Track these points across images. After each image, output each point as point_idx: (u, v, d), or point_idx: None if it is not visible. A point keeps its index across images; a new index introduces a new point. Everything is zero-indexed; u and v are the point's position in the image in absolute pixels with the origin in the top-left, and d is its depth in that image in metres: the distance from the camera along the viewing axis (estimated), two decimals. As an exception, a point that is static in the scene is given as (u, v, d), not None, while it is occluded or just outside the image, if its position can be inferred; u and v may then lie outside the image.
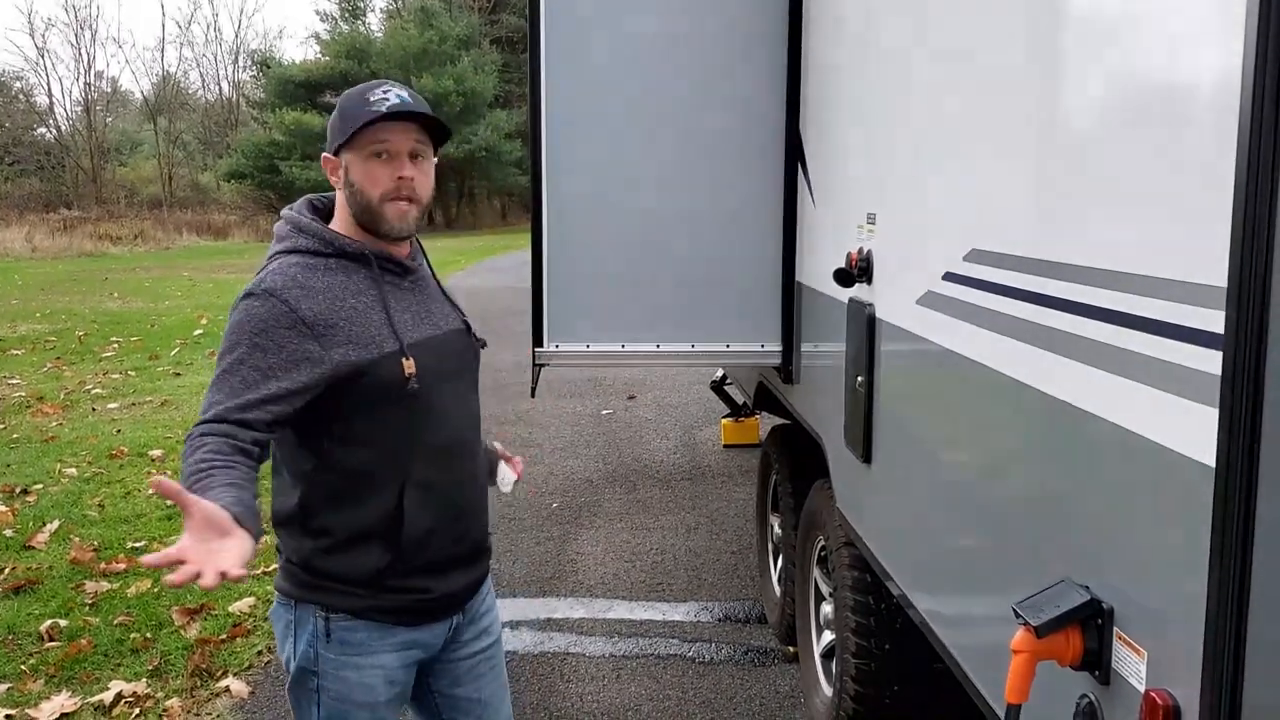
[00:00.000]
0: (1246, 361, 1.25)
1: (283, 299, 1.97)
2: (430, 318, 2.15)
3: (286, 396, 1.93)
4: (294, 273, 2.02)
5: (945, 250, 2.24)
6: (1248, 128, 1.23)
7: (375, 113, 1.98)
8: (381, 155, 2.02)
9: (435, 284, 2.25)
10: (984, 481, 2.12)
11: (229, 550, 1.65)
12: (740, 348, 3.93)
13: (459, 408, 2.18)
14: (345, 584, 2.07)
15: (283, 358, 1.93)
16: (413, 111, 2.02)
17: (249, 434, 1.88)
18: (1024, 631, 1.61)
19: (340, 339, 1.98)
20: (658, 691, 4.09)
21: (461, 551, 2.21)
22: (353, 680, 2.10)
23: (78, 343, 13.16)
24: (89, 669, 4.27)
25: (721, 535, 5.89)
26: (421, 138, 2.06)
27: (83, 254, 29.57)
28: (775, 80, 3.75)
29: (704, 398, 9.04)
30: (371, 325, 2.02)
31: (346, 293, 2.03)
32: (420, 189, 2.07)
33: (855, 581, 3.16)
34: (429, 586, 2.14)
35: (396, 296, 2.10)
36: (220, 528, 1.67)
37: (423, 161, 2.08)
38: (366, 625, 2.09)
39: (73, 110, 47.27)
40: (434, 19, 39.92)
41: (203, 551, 1.63)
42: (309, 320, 1.96)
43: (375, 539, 2.06)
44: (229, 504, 1.71)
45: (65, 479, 7.04)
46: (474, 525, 2.24)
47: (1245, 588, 1.30)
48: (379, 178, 2.03)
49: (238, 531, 1.69)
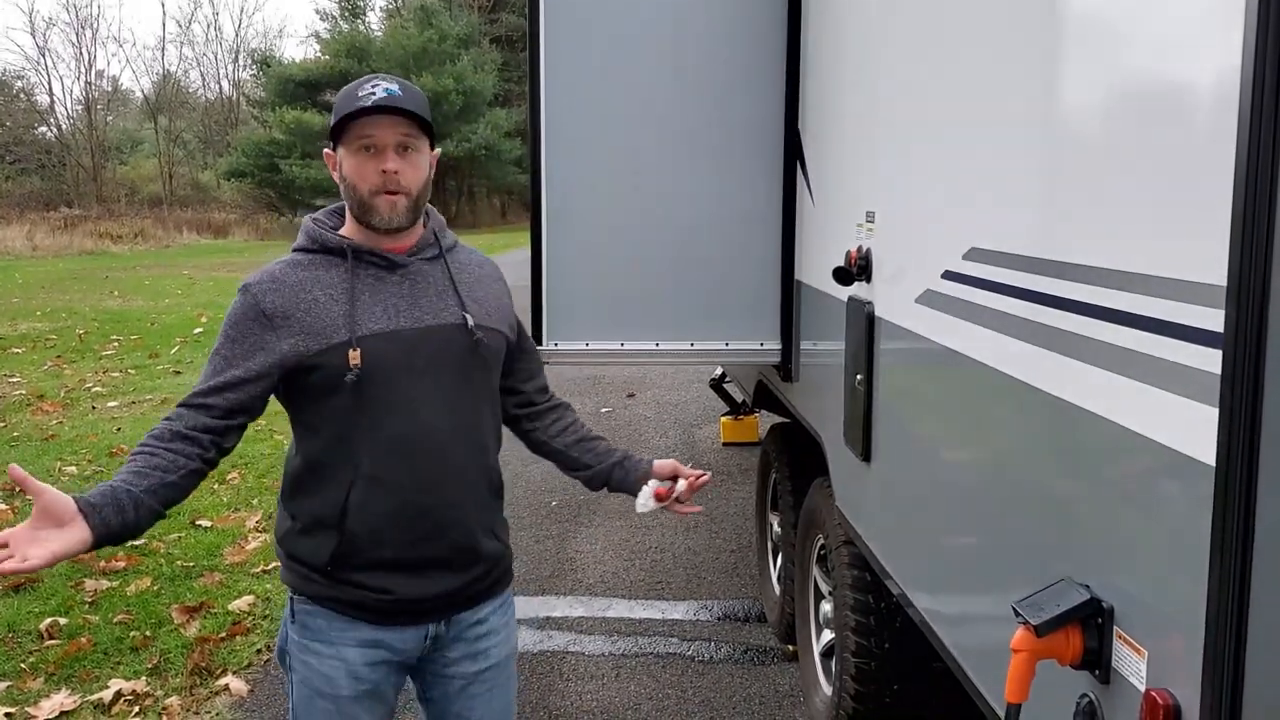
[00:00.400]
0: (1246, 360, 1.25)
1: (252, 294, 2.06)
2: (413, 311, 2.10)
3: (240, 384, 2.02)
4: (275, 269, 2.11)
5: (944, 248, 2.23)
6: (1247, 124, 1.22)
7: (359, 107, 2.01)
8: (369, 149, 2.04)
9: (445, 277, 2.17)
10: (983, 480, 2.11)
11: (50, 541, 1.75)
12: (739, 346, 3.93)
13: (431, 402, 2.10)
14: (306, 568, 2.14)
15: (244, 347, 2.04)
16: (395, 106, 2.02)
17: (200, 419, 1.99)
18: (1024, 630, 1.60)
19: (294, 329, 2.03)
20: (657, 690, 4.09)
21: (433, 554, 2.13)
22: (314, 666, 2.15)
23: (78, 341, 13.17)
24: (88, 667, 4.27)
25: (721, 534, 5.89)
26: (410, 130, 2.06)
27: (83, 252, 29.58)
28: (775, 78, 3.75)
29: (703, 396, 9.04)
30: (327, 317, 2.04)
31: (315, 286, 2.07)
32: (408, 181, 2.06)
33: (855, 580, 3.16)
34: (389, 587, 2.11)
35: (375, 289, 2.09)
36: (58, 518, 1.77)
37: (413, 154, 2.07)
38: (326, 614, 2.14)
39: (73, 109, 47.40)
40: (434, 18, 39.91)
41: (26, 538, 1.74)
42: (269, 312, 2.04)
43: (327, 528, 2.10)
44: (95, 493, 1.83)
45: (65, 477, 7.03)
46: (451, 527, 2.14)
47: (1246, 587, 1.29)
48: (366, 171, 2.05)
49: (75, 523, 1.78)
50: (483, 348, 2.16)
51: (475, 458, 2.19)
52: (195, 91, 53.68)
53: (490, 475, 2.23)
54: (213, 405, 2.01)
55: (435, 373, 2.10)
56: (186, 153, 50.41)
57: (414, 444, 2.09)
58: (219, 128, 50.21)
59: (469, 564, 2.19)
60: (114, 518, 1.83)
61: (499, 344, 2.24)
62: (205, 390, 2.02)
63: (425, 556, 2.13)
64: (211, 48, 73.92)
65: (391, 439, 2.07)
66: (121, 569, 5.30)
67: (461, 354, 2.14)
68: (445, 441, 2.12)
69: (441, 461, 2.12)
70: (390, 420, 2.07)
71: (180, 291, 18.96)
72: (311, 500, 2.12)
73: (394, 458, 2.08)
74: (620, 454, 2.38)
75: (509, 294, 2.35)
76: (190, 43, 78.08)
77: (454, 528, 2.15)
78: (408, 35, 38.90)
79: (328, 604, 2.13)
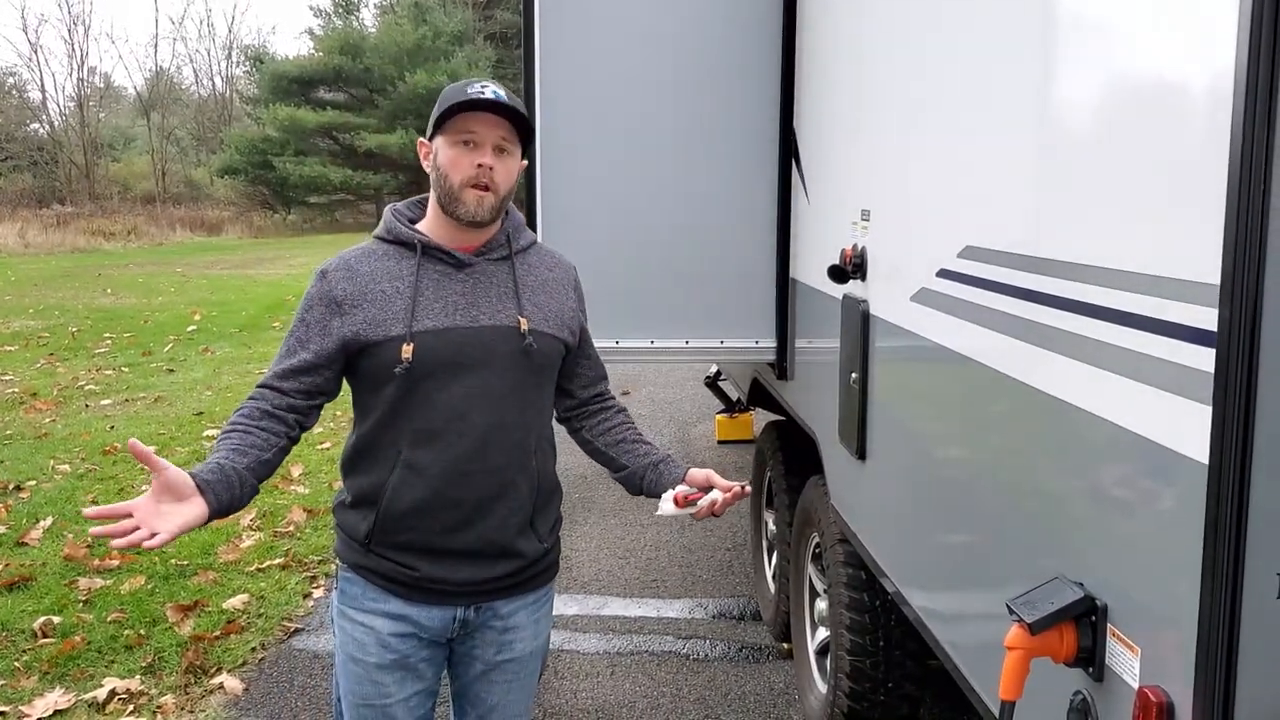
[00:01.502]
0: (1239, 358, 1.25)
1: (327, 279, 2.18)
2: (470, 310, 2.16)
3: (310, 369, 2.14)
4: (350, 256, 2.21)
5: (939, 247, 2.24)
6: (1240, 124, 1.23)
7: (469, 99, 2.09)
8: (468, 143, 2.12)
9: (509, 279, 2.22)
10: (978, 478, 2.12)
11: (174, 516, 1.86)
12: (734, 344, 3.93)
13: (475, 400, 2.14)
14: (348, 537, 2.25)
15: (314, 330, 2.15)
16: (503, 104, 2.10)
17: (283, 400, 2.13)
18: (1018, 628, 1.61)
19: (358, 318, 2.13)
20: (652, 688, 4.09)
21: (460, 545, 2.19)
22: (349, 631, 2.25)
23: (71, 339, 13.14)
24: (82, 666, 4.26)
25: (716, 532, 5.89)
26: (508, 135, 2.15)
27: (76, 250, 29.51)
28: (770, 77, 3.75)
29: (698, 394, 9.05)
30: (391, 309, 2.13)
31: (385, 277, 2.16)
32: (499, 179, 2.15)
33: (849, 578, 3.16)
34: (415, 565, 2.19)
35: (439, 285, 2.16)
36: (179, 493, 1.89)
37: (506, 157, 2.16)
38: (362, 582, 2.23)
39: (66, 106, 47.04)
40: (428, 15, 39.79)
41: (152, 511, 1.85)
42: (339, 299, 2.14)
43: (367, 505, 2.20)
44: (206, 469, 1.95)
45: (58, 475, 7.02)
46: (481, 523, 2.19)
47: (1238, 584, 1.30)
48: (462, 163, 2.12)
49: (194, 499, 1.91)
50: (534, 352, 2.20)
51: (516, 457, 2.22)
52: (188, 88, 53.54)
53: (532, 476, 2.25)
54: (287, 389, 2.14)
55: (483, 372, 2.16)
56: (179, 150, 50.22)
57: (452, 438, 2.15)
58: (212, 125, 50.01)
59: (497, 558, 2.24)
60: (225, 493, 1.96)
61: (553, 349, 2.27)
62: (280, 373, 2.14)
63: (451, 547, 2.19)
64: (204, 44, 73.89)
65: (431, 431, 2.14)
66: (115, 567, 5.29)
67: (512, 355, 2.18)
68: (485, 438, 2.17)
69: (479, 458, 2.17)
70: (432, 414, 2.14)
71: (173, 289, 18.90)
72: (359, 478, 2.22)
73: (432, 449, 2.15)
74: (658, 457, 2.40)
75: (579, 298, 2.39)
76: (183, 39, 77.96)
77: (484, 523, 2.20)
78: (402, 32, 38.77)
79: (363, 573, 2.23)
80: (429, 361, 2.11)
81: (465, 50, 39.09)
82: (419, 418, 2.14)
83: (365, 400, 2.21)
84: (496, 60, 40.09)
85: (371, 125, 36.43)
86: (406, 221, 2.24)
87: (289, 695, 4.07)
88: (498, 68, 39.28)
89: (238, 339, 13.23)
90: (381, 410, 2.16)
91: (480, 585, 2.24)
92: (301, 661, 4.35)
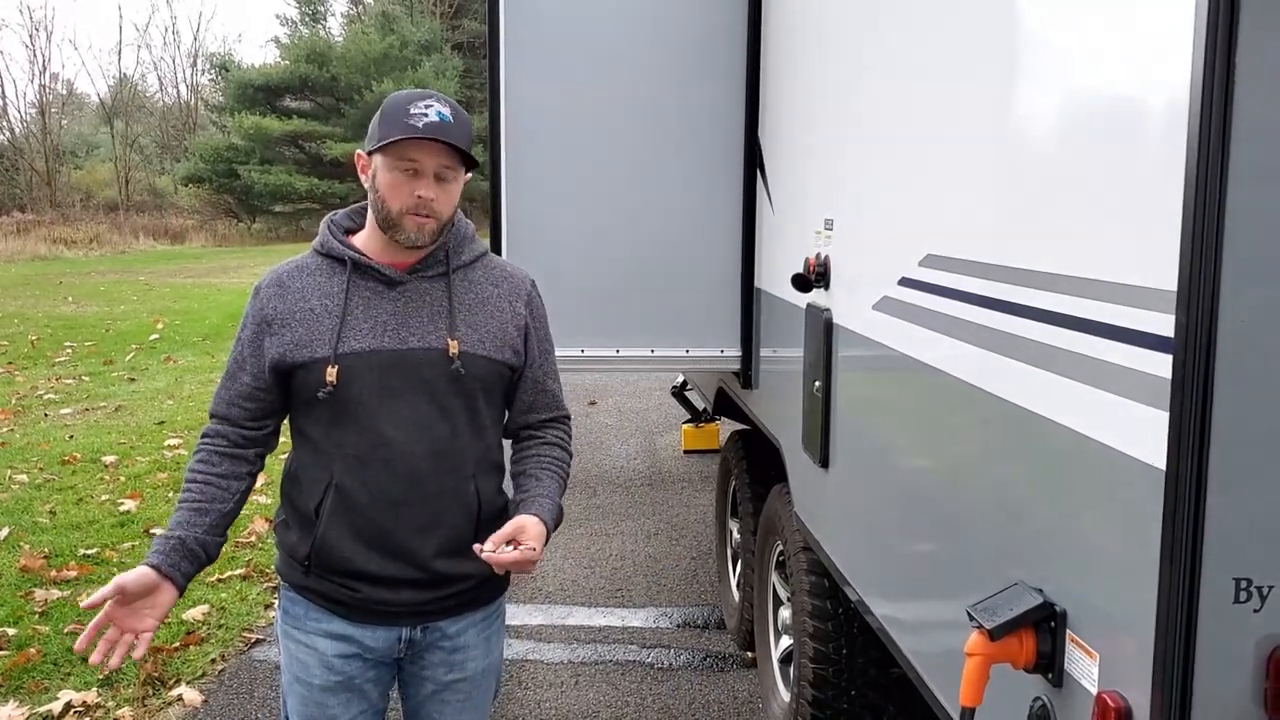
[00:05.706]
0: (1196, 365, 1.26)
1: (259, 297, 2.14)
2: (399, 331, 2.07)
3: (251, 393, 2.13)
4: (283, 271, 2.16)
5: (901, 255, 2.25)
6: (1196, 134, 1.24)
7: (411, 128, 1.98)
8: (408, 171, 2.03)
9: (444, 298, 2.13)
10: (939, 485, 2.13)
11: (152, 611, 2.02)
12: (700, 353, 3.94)
13: (403, 424, 2.07)
14: (289, 557, 2.20)
15: (249, 351, 2.13)
16: (443, 138, 2.00)
17: (236, 433, 2.15)
18: (978, 634, 1.61)
19: (286, 338, 2.08)
20: (616, 698, 4.08)
21: (395, 572, 2.11)
22: (293, 651, 2.21)
23: (30, 347, 12.97)
24: (37, 678, 4.19)
25: (681, 541, 5.89)
26: (450, 161, 2.04)
27: (36, 258, 29.11)
28: (735, 87, 3.77)
29: (664, 404, 9.05)
30: (318, 328, 2.07)
31: (315, 294, 2.10)
32: (440, 207, 2.06)
33: (813, 586, 3.17)
34: (356, 586, 2.13)
35: (369, 304, 2.09)
36: (146, 589, 2.00)
37: (449, 183, 2.07)
38: (304, 602, 2.19)
39: (27, 112, 46.53)
40: (395, 24, 39.66)
41: (129, 616, 1.99)
42: (269, 317, 2.10)
43: (304, 529, 2.16)
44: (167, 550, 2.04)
45: (16, 485, 6.92)
46: (414, 550, 2.10)
47: (1195, 590, 1.31)
48: (401, 191, 2.03)
49: (163, 586, 2.02)
50: (463, 376, 2.10)
51: (451, 484, 2.12)
52: (153, 96, 53.02)
53: (470, 502, 2.14)
54: (236, 418, 2.14)
55: (412, 397, 2.08)
56: (143, 158, 49.70)
57: (380, 464, 2.07)
58: (176, 133, 49.55)
59: (435, 584, 2.15)
60: (190, 566, 2.06)
61: (489, 371, 2.15)
62: (227, 399, 2.15)
63: (388, 574, 2.12)
64: (169, 52, 73.19)
65: (359, 457, 2.08)
66: (73, 578, 5.22)
67: (443, 379, 2.09)
68: (415, 464, 2.08)
69: (409, 484, 2.09)
70: (359, 439, 2.07)
71: (136, 298, 18.69)
72: (295, 502, 2.18)
73: (361, 475, 2.08)
74: (521, 497, 2.19)
75: (533, 312, 2.26)
76: (148, 47, 77.39)
77: (421, 552, 2.11)
78: (369, 41, 38.61)
79: (305, 593, 2.18)
80: (355, 385, 2.04)
81: (432, 59, 38.98)
82: (349, 444, 2.07)
83: (299, 423, 2.16)
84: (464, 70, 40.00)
85: (338, 134, 36.17)
86: (341, 234, 2.16)
87: (249, 707, 4.02)
88: (464, 77, 39.20)
89: (201, 347, 13.10)
90: (313, 434, 2.11)
91: (423, 606, 2.16)
92: (262, 673, 4.30)
